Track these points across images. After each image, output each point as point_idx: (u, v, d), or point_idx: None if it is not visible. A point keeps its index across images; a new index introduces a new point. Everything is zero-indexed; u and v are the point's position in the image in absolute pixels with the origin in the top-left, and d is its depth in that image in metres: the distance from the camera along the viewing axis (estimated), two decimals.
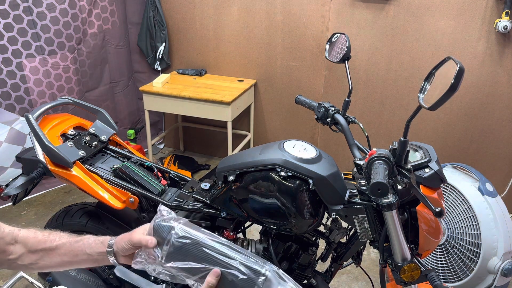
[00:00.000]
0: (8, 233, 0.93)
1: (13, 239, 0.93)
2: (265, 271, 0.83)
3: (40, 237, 0.94)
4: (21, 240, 0.93)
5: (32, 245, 0.93)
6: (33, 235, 0.94)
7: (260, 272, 0.83)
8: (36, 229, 0.96)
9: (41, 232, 0.95)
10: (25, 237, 0.93)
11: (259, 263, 0.85)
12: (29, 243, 0.93)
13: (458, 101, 2.79)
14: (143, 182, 1.55)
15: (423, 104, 1.03)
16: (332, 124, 1.46)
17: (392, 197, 1.10)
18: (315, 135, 3.30)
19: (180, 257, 0.84)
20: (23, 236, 0.94)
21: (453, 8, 2.60)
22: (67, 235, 0.95)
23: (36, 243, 0.93)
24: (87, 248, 0.91)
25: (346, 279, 2.35)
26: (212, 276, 0.82)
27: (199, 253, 0.84)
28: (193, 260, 0.83)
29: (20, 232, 0.94)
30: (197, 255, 0.84)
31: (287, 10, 3.00)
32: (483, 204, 1.99)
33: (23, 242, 0.93)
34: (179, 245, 0.84)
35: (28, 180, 1.53)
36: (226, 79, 3.30)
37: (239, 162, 1.31)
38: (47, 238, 0.93)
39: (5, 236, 0.92)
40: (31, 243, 0.93)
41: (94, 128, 1.77)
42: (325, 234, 1.42)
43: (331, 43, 1.57)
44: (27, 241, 0.93)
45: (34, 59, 2.68)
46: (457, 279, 2.06)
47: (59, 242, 0.93)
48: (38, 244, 0.93)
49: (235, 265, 0.83)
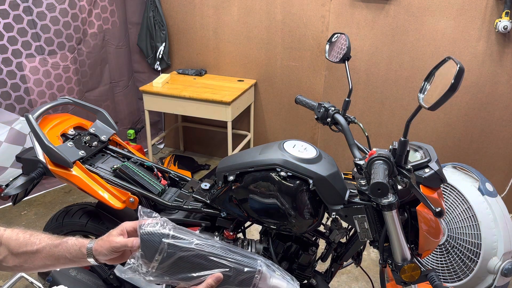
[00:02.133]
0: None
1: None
2: (259, 267, 0.84)
3: (21, 239, 0.92)
4: (4, 242, 0.92)
5: (14, 247, 0.91)
6: (15, 237, 0.92)
7: (255, 269, 0.84)
8: (20, 229, 0.94)
9: (22, 233, 0.93)
10: (8, 238, 0.92)
11: (252, 260, 0.85)
12: (11, 245, 0.92)
13: (458, 101, 2.79)
14: (143, 182, 1.55)
15: (423, 104, 1.03)
16: (332, 124, 1.46)
17: (392, 197, 1.10)
18: (315, 135, 3.30)
19: (174, 266, 0.81)
20: (6, 238, 0.92)
21: (453, 8, 2.60)
22: (47, 237, 0.92)
23: (17, 246, 0.91)
24: (67, 253, 0.90)
25: (346, 279, 2.35)
26: (213, 279, 0.81)
27: (195, 259, 0.81)
28: (188, 267, 0.81)
29: (5, 233, 0.93)
30: (193, 261, 0.81)
31: (287, 10, 3.00)
32: (483, 204, 1.99)
33: (6, 244, 0.92)
34: (172, 252, 0.80)
35: (28, 180, 1.53)
36: (226, 79, 3.30)
37: (239, 162, 1.31)
38: (27, 241, 0.92)
39: None
40: (13, 246, 0.91)
41: (94, 128, 1.77)
42: (325, 234, 1.42)
43: (331, 43, 1.57)
44: (9, 243, 0.92)
45: (34, 59, 2.68)
46: (457, 279, 2.06)
47: (39, 246, 0.91)
48: (20, 247, 0.91)
49: (232, 266, 0.83)
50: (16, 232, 0.94)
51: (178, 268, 0.81)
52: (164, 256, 0.80)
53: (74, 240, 0.91)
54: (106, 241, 0.87)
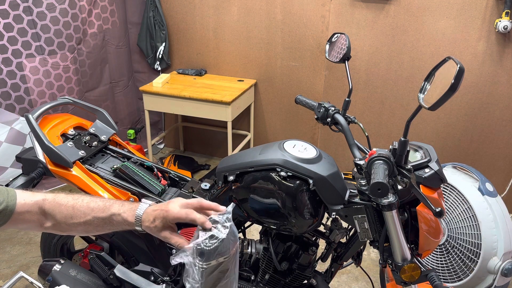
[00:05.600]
0: (32, 204, 0.95)
1: (40, 210, 0.95)
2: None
3: (64, 212, 0.95)
4: (49, 211, 0.95)
5: (60, 219, 0.95)
6: (58, 210, 0.95)
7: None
8: (57, 196, 0.97)
9: (65, 206, 0.95)
10: (52, 209, 0.95)
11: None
12: (57, 217, 0.95)
13: (458, 101, 2.79)
14: (143, 182, 1.55)
15: (423, 104, 1.03)
16: (332, 124, 1.45)
17: (392, 197, 1.10)
18: (315, 135, 3.30)
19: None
20: (49, 208, 0.95)
21: (453, 8, 2.60)
22: (90, 209, 0.95)
23: (63, 218, 0.95)
24: (114, 226, 0.94)
25: (346, 279, 2.35)
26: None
27: None
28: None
29: (45, 203, 0.95)
30: None
31: (287, 10, 3.00)
32: (483, 204, 1.99)
33: (51, 215, 0.95)
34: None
35: (28, 180, 1.53)
36: (226, 79, 3.29)
37: (239, 162, 1.31)
38: (72, 214, 0.95)
39: (31, 208, 0.94)
40: (59, 218, 0.95)
41: (94, 128, 1.77)
42: (325, 234, 1.42)
43: (331, 43, 1.57)
44: (55, 214, 0.95)
45: (34, 59, 2.68)
46: (457, 279, 2.06)
47: (86, 219, 0.94)
48: (66, 219, 0.95)
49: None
50: (57, 202, 0.96)
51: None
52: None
53: (118, 217, 0.93)
54: (162, 209, 0.90)
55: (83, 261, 1.73)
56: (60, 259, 1.50)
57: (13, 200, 0.93)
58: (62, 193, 0.98)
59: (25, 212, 0.94)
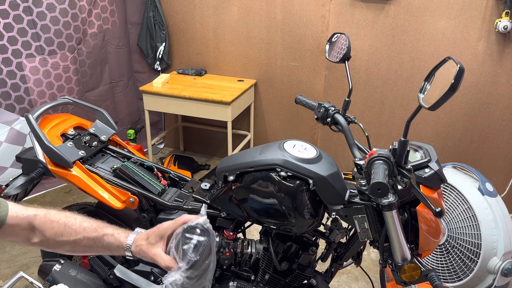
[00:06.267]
0: (24, 218, 0.94)
1: (29, 225, 0.94)
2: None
3: (56, 228, 0.94)
4: (39, 227, 0.94)
5: (50, 236, 0.94)
6: (49, 226, 0.94)
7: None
8: (49, 213, 0.96)
9: (56, 222, 0.95)
10: (42, 224, 0.94)
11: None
12: (47, 233, 0.94)
13: (458, 101, 2.79)
14: (143, 182, 1.55)
15: (423, 104, 1.03)
16: (332, 124, 1.45)
17: (392, 197, 1.10)
18: (315, 135, 3.30)
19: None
20: (40, 224, 0.94)
21: (453, 8, 2.60)
22: (82, 228, 0.94)
23: (53, 235, 0.94)
24: (104, 248, 0.95)
25: (346, 279, 2.35)
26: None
27: None
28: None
29: (36, 219, 0.94)
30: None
31: (287, 10, 3.00)
32: (483, 204, 1.99)
33: (41, 231, 0.94)
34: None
35: (28, 180, 1.53)
36: (226, 79, 3.29)
37: (239, 162, 1.31)
38: (63, 231, 0.94)
39: (21, 222, 0.93)
40: (49, 234, 0.94)
41: (94, 128, 1.77)
42: (325, 234, 1.42)
43: (331, 43, 1.57)
44: (44, 230, 0.94)
45: (34, 59, 2.68)
46: (457, 279, 2.06)
47: (76, 238, 0.94)
48: (55, 236, 0.94)
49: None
50: (48, 218, 0.95)
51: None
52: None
53: (110, 237, 0.93)
54: (146, 251, 0.90)
55: (83, 261, 1.73)
56: (60, 259, 1.50)
57: (5, 211, 0.92)
58: (54, 210, 0.98)
59: (15, 225, 0.93)
